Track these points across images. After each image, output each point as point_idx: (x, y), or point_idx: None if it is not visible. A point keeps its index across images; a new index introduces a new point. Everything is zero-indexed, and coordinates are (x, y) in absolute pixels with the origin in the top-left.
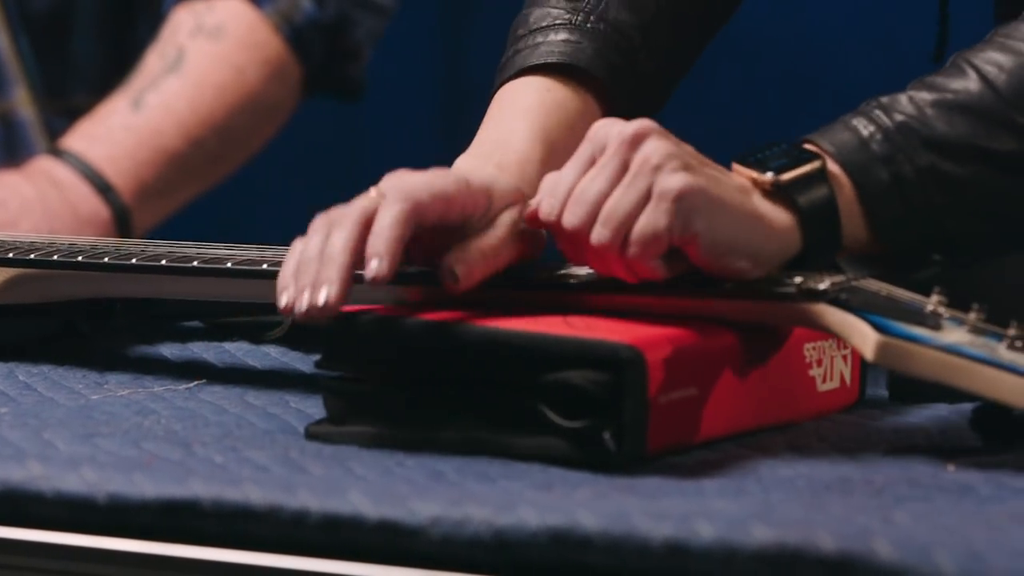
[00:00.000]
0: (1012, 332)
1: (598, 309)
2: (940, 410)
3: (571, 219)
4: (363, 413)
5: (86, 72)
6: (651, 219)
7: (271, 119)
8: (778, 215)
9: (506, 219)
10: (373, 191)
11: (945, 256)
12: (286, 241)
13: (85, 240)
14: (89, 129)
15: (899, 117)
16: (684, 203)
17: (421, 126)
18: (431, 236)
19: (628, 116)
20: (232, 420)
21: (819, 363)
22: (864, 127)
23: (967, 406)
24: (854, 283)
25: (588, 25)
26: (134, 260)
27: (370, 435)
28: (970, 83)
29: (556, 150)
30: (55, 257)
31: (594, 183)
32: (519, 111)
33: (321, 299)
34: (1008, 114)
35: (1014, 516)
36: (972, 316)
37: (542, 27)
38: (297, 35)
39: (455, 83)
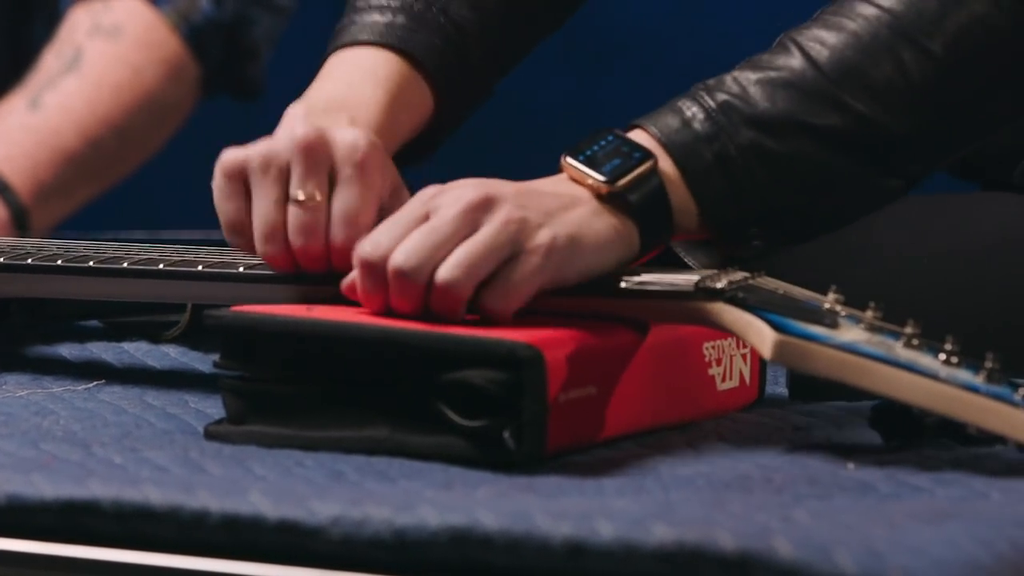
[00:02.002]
0: (909, 330)
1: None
2: (840, 408)
3: (406, 256)
4: (263, 413)
5: None
6: (524, 269)
7: (169, 119)
8: (616, 221)
9: (402, 198)
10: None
11: (772, 233)
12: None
13: None
14: None
15: (722, 96)
16: (552, 258)
17: None
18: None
19: (455, 102)
20: (131, 420)
21: (718, 362)
22: (688, 108)
23: (866, 404)
24: (751, 281)
25: (428, 15)
26: (30, 260)
27: (270, 435)
28: (793, 60)
29: (396, 115)
30: None
31: (434, 232)
32: (363, 75)
33: None
34: (830, 90)
35: (913, 514)
36: (869, 314)
37: (379, 5)
38: (195, 34)
39: None
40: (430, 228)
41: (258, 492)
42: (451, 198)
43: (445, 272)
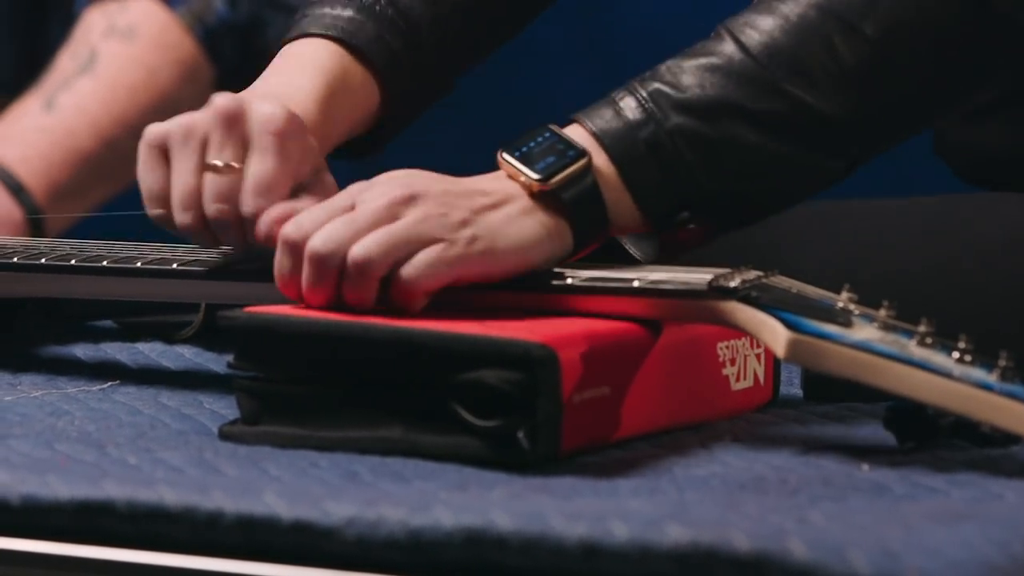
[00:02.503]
0: (922, 329)
1: (503, 308)
2: (854, 409)
3: (324, 239)
4: (277, 413)
5: None
6: (438, 254)
7: None
8: (547, 219)
9: (326, 181)
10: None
11: (708, 218)
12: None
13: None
14: (1, 130)
15: (653, 85)
16: (469, 253)
17: None
18: None
19: (403, 99)
20: (146, 421)
21: (732, 362)
22: (621, 99)
23: (881, 405)
24: (765, 280)
25: (377, 8)
26: (43, 260)
27: (284, 435)
28: (724, 46)
29: (335, 111)
30: None
31: (353, 221)
32: (306, 68)
33: None
34: (760, 73)
35: (928, 514)
36: (882, 313)
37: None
38: (210, 36)
39: None
40: (350, 217)
41: (273, 493)
42: (376, 192)
43: (358, 249)
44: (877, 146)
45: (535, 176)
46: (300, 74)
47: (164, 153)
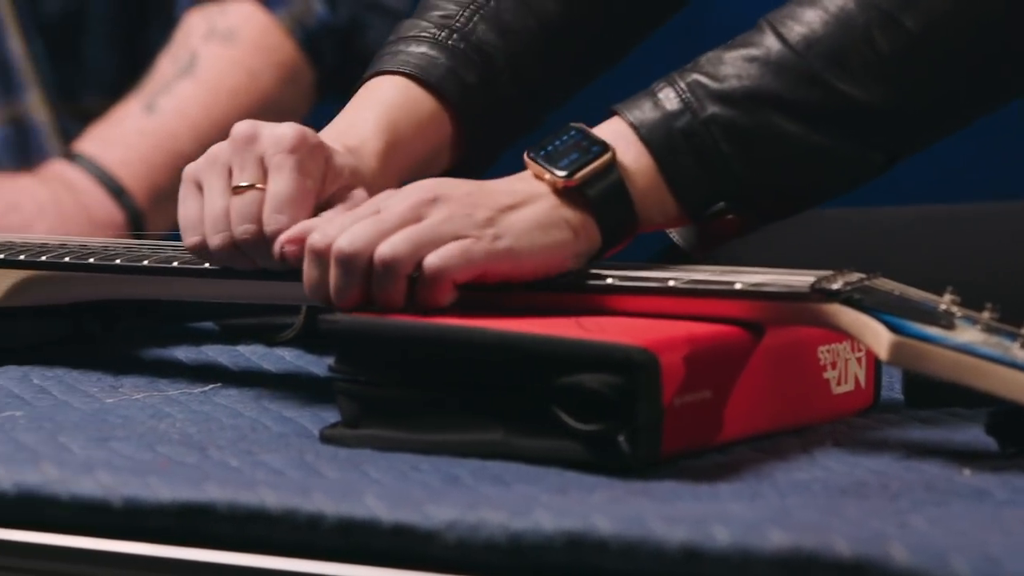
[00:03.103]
0: None
1: (605, 311)
2: (956, 413)
3: (349, 240)
4: (378, 416)
5: (99, 75)
6: (463, 248)
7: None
8: (573, 216)
9: (355, 200)
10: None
11: (746, 209)
12: None
13: (96, 241)
14: (103, 133)
15: (692, 75)
16: (494, 251)
17: None
18: None
19: (482, 132)
20: (247, 423)
21: (833, 366)
22: (660, 90)
23: (982, 410)
24: (867, 283)
25: (450, 43)
26: (146, 262)
27: (385, 438)
28: (765, 37)
29: (400, 141)
30: (66, 259)
31: (381, 222)
32: (371, 103)
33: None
34: (799, 64)
35: None
36: (985, 315)
37: (406, 36)
38: (310, 38)
39: None
40: (376, 218)
41: (373, 496)
42: (401, 196)
43: (385, 247)
44: (916, 140)
45: (559, 173)
46: (365, 109)
47: (199, 185)
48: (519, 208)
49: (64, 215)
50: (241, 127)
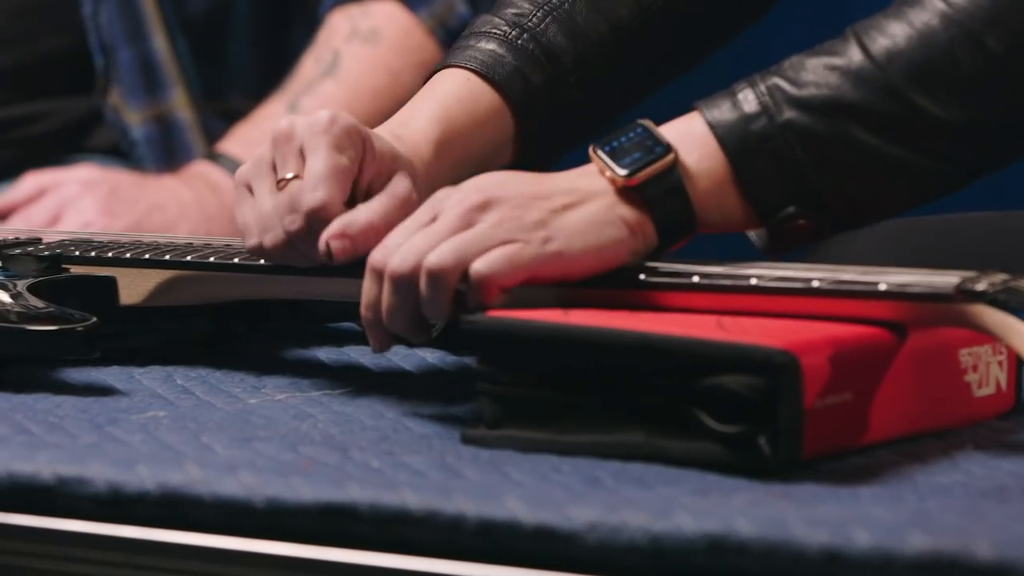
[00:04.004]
0: None
1: (746, 312)
2: None
3: (401, 259)
4: (519, 417)
5: (242, 75)
6: (512, 251)
7: None
8: (631, 215)
9: (396, 185)
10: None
11: (818, 216)
12: None
13: (241, 241)
14: (246, 133)
15: (773, 79)
16: (543, 254)
17: None
18: None
19: (545, 131)
20: (389, 425)
21: (975, 368)
22: (741, 91)
23: None
24: (1013, 284)
25: (519, 42)
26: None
27: (526, 440)
28: (848, 47)
29: (455, 134)
30: (211, 259)
31: (433, 234)
32: (431, 95)
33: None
34: (878, 75)
35: None
36: None
37: (478, 32)
38: (452, 39)
39: None
40: (428, 231)
41: (514, 497)
42: (454, 201)
43: (432, 257)
44: (996, 157)
45: (620, 172)
46: (423, 101)
47: (249, 189)
48: (575, 207)
49: (207, 215)
50: (278, 125)
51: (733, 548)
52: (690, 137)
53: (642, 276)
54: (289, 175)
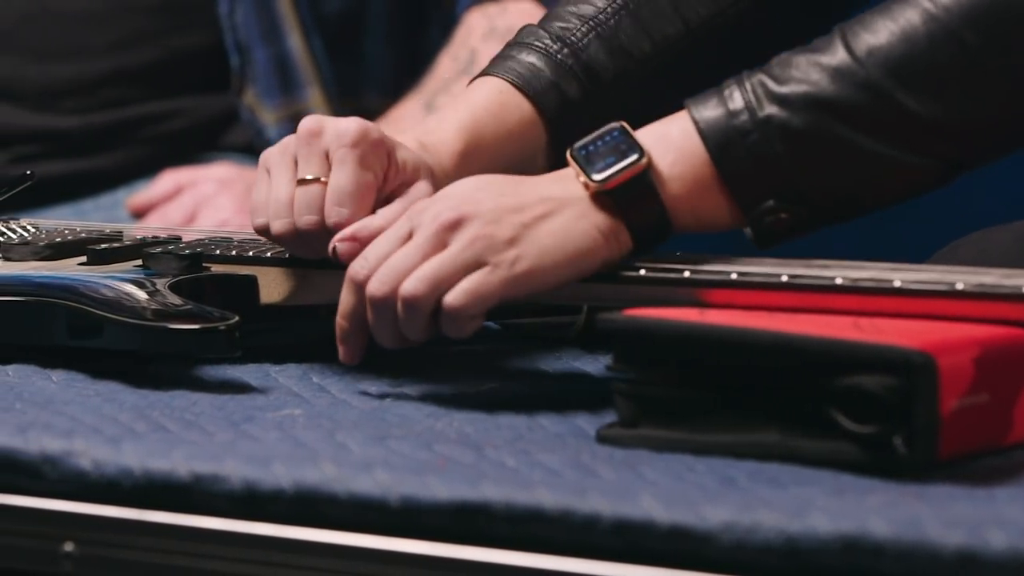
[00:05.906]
0: None
1: (883, 313)
2: None
3: (379, 283)
4: (654, 416)
5: (377, 74)
6: (483, 278)
7: None
8: (603, 220)
9: (413, 194)
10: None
11: (798, 210)
12: None
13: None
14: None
15: (759, 75)
16: (515, 273)
17: None
18: None
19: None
20: (524, 423)
21: None
22: (728, 87)
23: None
24: None
25: (559, 57)
26: None
27: (661, 439)
28: (834, 43)
29: (482, 143)
30: None
31: (407, 257)
32: (463, 103)
33: None
34: (856, 70)
35: None
36: None
37: (522, 43)
38: None
39: None
40: (403, 252)
41: (649, 496)
42: (428, 217)
43: (406, 286)
44: (977, 153)
45: (595, 177)
46: (454, 109)
47: (269, 172)
48: (548, 217)
49: None
50: (307, 122)
51: (868, 549)
52: (667, 139)
53: (734, 275)
54: (309, 176)
